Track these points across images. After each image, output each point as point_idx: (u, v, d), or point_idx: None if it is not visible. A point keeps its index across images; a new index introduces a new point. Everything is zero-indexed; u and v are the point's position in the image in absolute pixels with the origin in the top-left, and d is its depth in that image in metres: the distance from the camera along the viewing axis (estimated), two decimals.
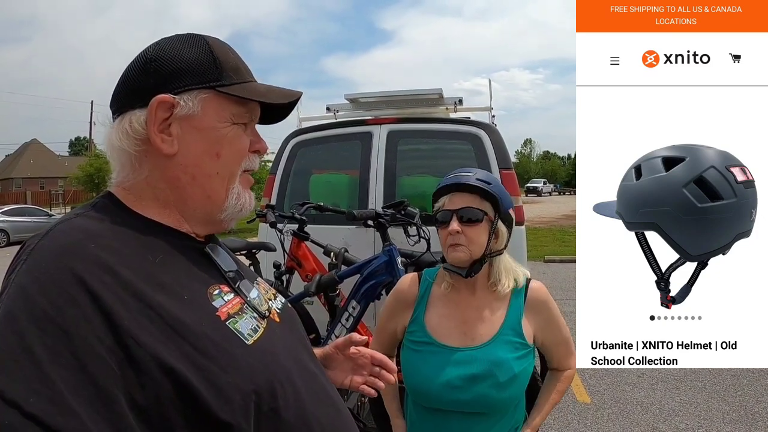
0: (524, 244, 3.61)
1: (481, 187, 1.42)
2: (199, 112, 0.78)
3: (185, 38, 0.81)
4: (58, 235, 0.68)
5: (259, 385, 0.71)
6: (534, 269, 9.98)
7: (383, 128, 3.81)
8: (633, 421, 3.75)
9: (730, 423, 3.67)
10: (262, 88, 0.84)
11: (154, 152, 0.77)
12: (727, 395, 4.14)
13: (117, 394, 0.59)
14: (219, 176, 0.80)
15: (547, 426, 3.70)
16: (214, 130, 0.79)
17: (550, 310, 1.54)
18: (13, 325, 0.58)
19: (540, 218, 22.44)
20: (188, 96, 0.77)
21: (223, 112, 0.80)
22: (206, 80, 0.78)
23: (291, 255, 3.28)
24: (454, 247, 1.44)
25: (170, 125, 0.77)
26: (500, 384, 1.40)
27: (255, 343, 0.75)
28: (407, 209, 2.87)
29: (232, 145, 0.81)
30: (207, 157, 0.79)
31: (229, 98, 0.80)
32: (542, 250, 12.36)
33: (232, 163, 0.81)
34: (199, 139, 0.78)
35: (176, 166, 0.78)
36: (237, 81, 0.81)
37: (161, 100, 0.75)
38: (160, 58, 0.78)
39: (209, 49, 0.80)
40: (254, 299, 0.84)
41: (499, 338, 1.45)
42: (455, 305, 1.52)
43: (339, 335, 2.74)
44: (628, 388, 4.33)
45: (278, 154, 4.16)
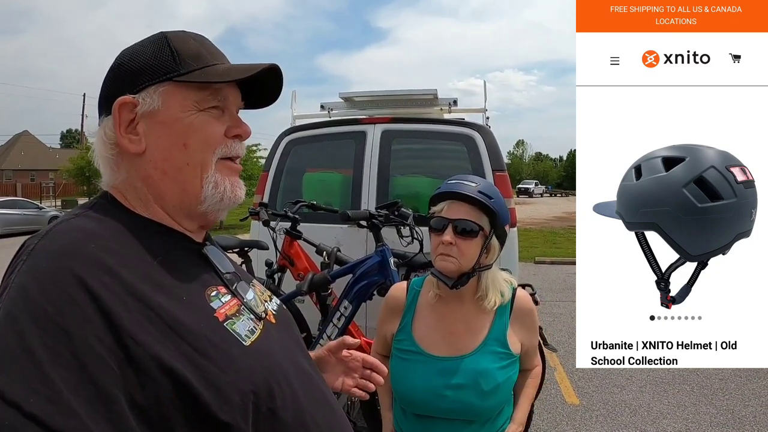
0: (516, 245, 3.61)
1: (482, 201, 1.41)
2: (160, 106, 0.77)
3: (147, 39, 0.82)
4: (57, 235, 0.68)
5: (257, 386, 0.71)
6: (524, 270, 10.04)
7: (377, 127, 3.80)
8: (621, 423, 3.76)
9: (717, 426, 3.70)
10: (221, 69, 0.81)
11: (126, 153, 0.78)
12: (715, 399, 4.17)
13: (117, 394, 0.58)
14: (189, 167, 0.79)
15: (535, 427, 3.70)
16: (179, 120, 0.78)
17: (533, 319, 1.58)
18: (13, 325, 0.58)
19: (531, 219, 22.58)
20: (147, 93, 0.77)
21: (185, 101, 0.78)
22: (163, 73, 0.77)
23: (283, 253, 3.26)
24: (444, 256, 1.44)
25: (137, 125, 0.77)
26: (484, 392, 1.42)
27: (252, 344, 0.75)
28: (401, 210, 2.86)
29: (200, 132, 0.79)
30: (174, 149, 0.78)
31: (189, 86, 0.78)
32: (533, 252, 12.44)
33: (201, 150, 0.79)
34: (164, 133, 0.78)
35: (147, 163, 0.78)
36: (197, 67, 0.79)
37: (121, 102, 0.76)
38: (122, 62, 0.79)
39: (167, 43, 0.79)
40: (251, 301, 0.84)
41: (483, 349, 1.47)
42: (442, 316, 1.53)
43: (331, 335, 2.72)
44: (617, 390, 4.35)
45: (271, 152, 4.13)
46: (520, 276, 9.01)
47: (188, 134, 0.78)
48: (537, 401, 3.98)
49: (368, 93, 4.44)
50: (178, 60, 0.78)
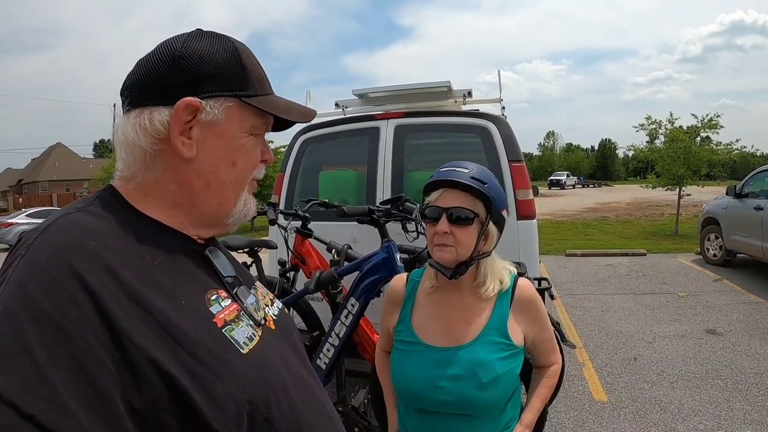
0: (536, 239, 3.53)
1: (476, 187, 1.38)
2: (222, 119, 0.77)
3: (212, 38, 0.79)
4: (57, 230, 0.67)
5: (253, 395, 0.70)
6: (555, 263, 9.93)
7: (390, 123, 3.77)
8: (650, 420, 3.63)
9: (751, 424, 3.53)
10: (283, 103, 0.84)
11: (171, 153, 0.76)
12: (749, 395, 3.98)
13: (115, 397, 0.58)
14: (232, 184, 0.81)
15: (561, 425, 3.62)
16: (234, 139, 0.79)
17: (537, 308, 1.52)
18: (11, 322, 0.57)
19: (563, 212, 22.24)
20: (214, 102, 0.76)
21: (244, 122, 0.80)
22: (233, 88, 0.77)
23: (295, 252, 3.27)
24: (441, 246, 1.42)
25: (191, 128, 0.76)
26: (482, 384, 1.38)
27: (250, 352, 0.74)
28: (405, 204, 2.82)
29: (248, 155, 0.81)
30: (224, 164, 0.79)
31: (251, 109, 0.79)
32: (564, 244, 12.22)
33: (245, 172, 0.82)
34: (218, 147, 0.78)
35: (192, 170, 0.77)
36: (261, 93, 0.81)
37: (189, 102, 0.74)
38: (189, 56, 0.76)
39: (237, 54, 0.79)
40: (251, 306, 0.83)
41: (482, 339, 1.43)
42: (440, 306, 1.51)
43: (339, 333, 2.72)
44: (647, 387, 4.20)
45: (287, 152, 4.16)
46: (549, 269, 8.89)
47: (239, 154, 0.80)
48: (563, 398, 3.92)
49: (382, 88, 4.40)
50: (248, 79, 0.79)
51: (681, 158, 13.50)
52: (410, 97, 4.33)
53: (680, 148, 13.45)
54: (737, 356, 4.82)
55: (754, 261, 8.50)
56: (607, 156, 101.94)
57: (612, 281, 8.38)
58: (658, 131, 14.51)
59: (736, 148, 14.06)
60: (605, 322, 6.07)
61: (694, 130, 13.82)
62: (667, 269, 9.17)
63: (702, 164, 13.67)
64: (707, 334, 5.48)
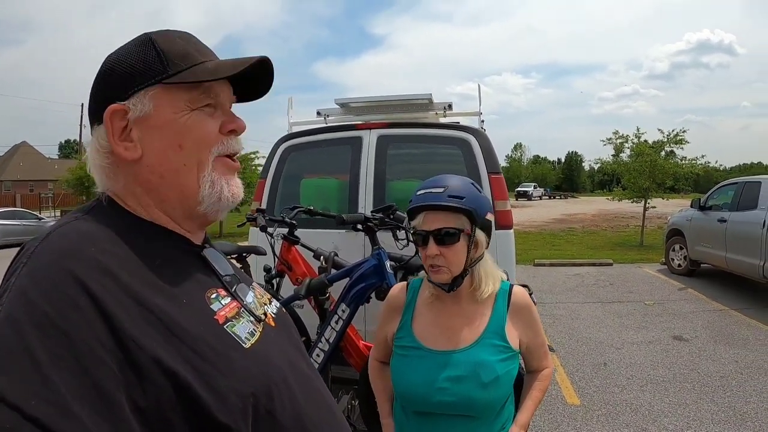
0: (513, 248, 3.63)
1: (454, 205, 1.43)
2: (152, 110, 0.77)
3: (132, 42, 0.81)
4: (57, 238, 0.68)
5: (256, 388, 0.71)
6: (524, 273, 10.05)
7: (373, 133, 3.83)
8: (622, 422, 3.77)
9: (719, 424, 3.71)
10: (210, 66, 0.80)
11: (122, 161, 0.78)
12: (716, 396, 4.17)
13: (119, 397, 0.58)
14: (186, 167, 0.78)
15: (537, 428, 3.72)
16: (172, 122, 0.78)
17: (532, 314, 1.58)
18: (14, 327, 0.57)
19: (531, 222, 22.60)
20: (137, 98, 0.76)
21: (177, 102, 0.78)
22: (152, 75, 0.77)
23: (281, 259, 3.28)
24: (435, 268, 1.47)
25: (131, 131, 0.77)
26: (483, 384, 1.42)
27: (252, 347, 0.75)
28: (396, 213, 2.88)
29: (194, 131, 0.79)
30: (170, 151, 0.78)
31: (179, 86, 0.78)
32: (532, 254, 12.44)
33: (197, 150, 0.79)
34: (158, 137, 0.77)
35: (144, 168, 0.78)
36: (185, 67, 0.78)
37: (112, 110, 0.76)
38: (108, 69, 0.79)
39: (152, 44, 0.78)
40: (250, 303, 0.84)
41: (482, 341, 1.48)
42: (440, 312, 1.56)
43: (329, 338, 2.75)
44: (618, 390, 4.36)
45: (269, 158, 4.16)
46: (519, 278, 9.08)
47: (183, 135, 0.78)
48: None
49: (364, 99, 4.46)
50: (165, 61, 0.77)
51: (647, 171, 13.89)
52: (392, 107, 4.41)
53: (646, 162, 13.85)
54: (703, 360, 5.03)
55: (718, 271, 8.86)
56: (574, 168, 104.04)
57: (580, 290, 8.61)
58: (625, 145, 14.94)
59: (701, 164, 14.46)
60: (575, 329, 6.23)
61: (660, 145, 14.28)
62: (634, 279, 9.47)
63: (667, 177, 14.10)
64: (674, 340, 5.70)
